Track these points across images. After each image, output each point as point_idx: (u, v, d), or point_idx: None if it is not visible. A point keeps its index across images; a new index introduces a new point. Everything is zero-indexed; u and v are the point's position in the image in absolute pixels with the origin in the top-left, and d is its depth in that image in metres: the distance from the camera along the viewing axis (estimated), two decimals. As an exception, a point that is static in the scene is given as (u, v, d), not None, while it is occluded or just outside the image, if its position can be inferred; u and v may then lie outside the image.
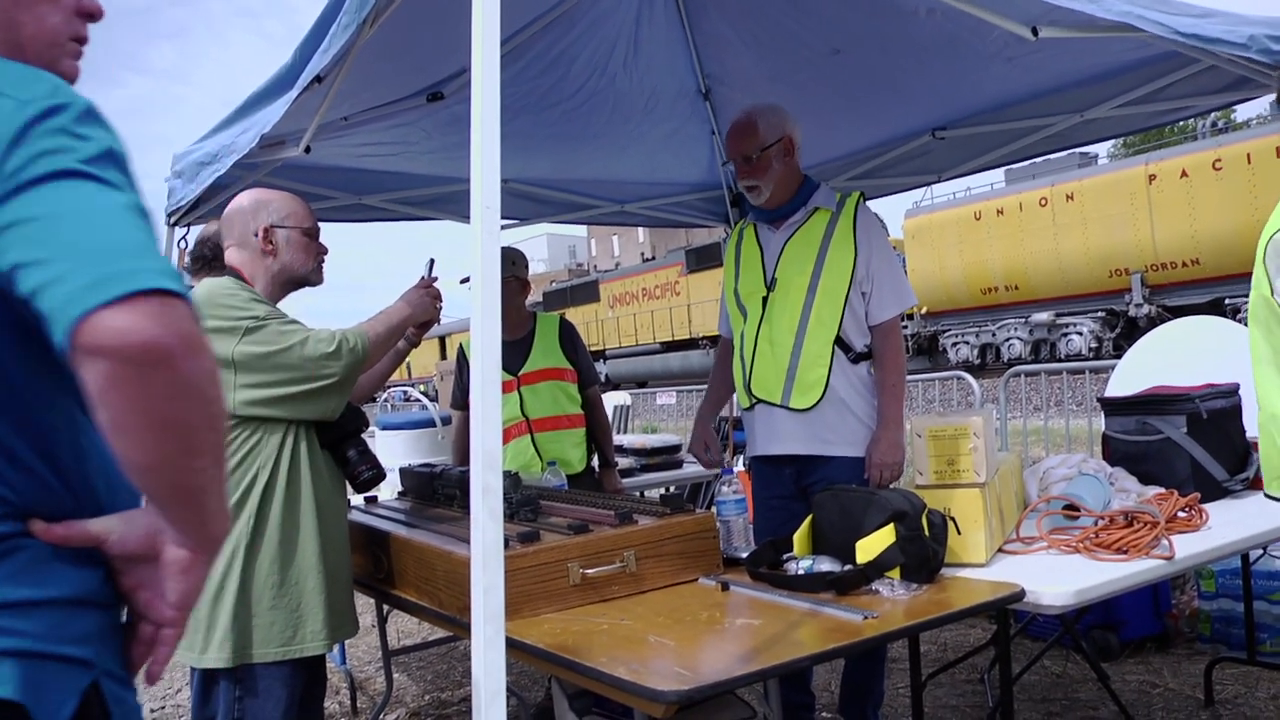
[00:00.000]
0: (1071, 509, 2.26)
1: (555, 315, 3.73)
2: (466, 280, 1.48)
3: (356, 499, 2.73)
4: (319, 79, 2.34)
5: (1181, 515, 2.30)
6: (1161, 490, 2.46)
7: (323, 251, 2.34)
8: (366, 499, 2.94)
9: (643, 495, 3.94)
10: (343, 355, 2.11)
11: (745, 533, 2.35)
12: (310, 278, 2.32)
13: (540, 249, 54.88)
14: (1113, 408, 2.94)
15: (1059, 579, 1.89)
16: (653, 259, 29.01)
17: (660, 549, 2.06)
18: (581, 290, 27.44)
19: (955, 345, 18.02)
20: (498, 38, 1.47)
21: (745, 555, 2.19)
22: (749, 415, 2.88)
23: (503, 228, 1.88)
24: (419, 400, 6.12)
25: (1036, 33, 2.22)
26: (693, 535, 2.11)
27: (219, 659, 2.02)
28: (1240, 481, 2.63)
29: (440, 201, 4.23)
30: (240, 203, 2.27)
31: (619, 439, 4.65)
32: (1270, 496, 2.07)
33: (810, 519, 2.17)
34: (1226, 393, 2.76)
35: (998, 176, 17.53)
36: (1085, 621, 3.64)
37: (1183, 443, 2.63)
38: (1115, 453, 2.79)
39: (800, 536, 2.15)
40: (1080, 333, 15.90)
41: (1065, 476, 2.49)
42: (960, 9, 2.31)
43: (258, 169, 3.11)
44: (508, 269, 3.37)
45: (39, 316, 0.81)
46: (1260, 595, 3.44)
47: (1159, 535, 2.05)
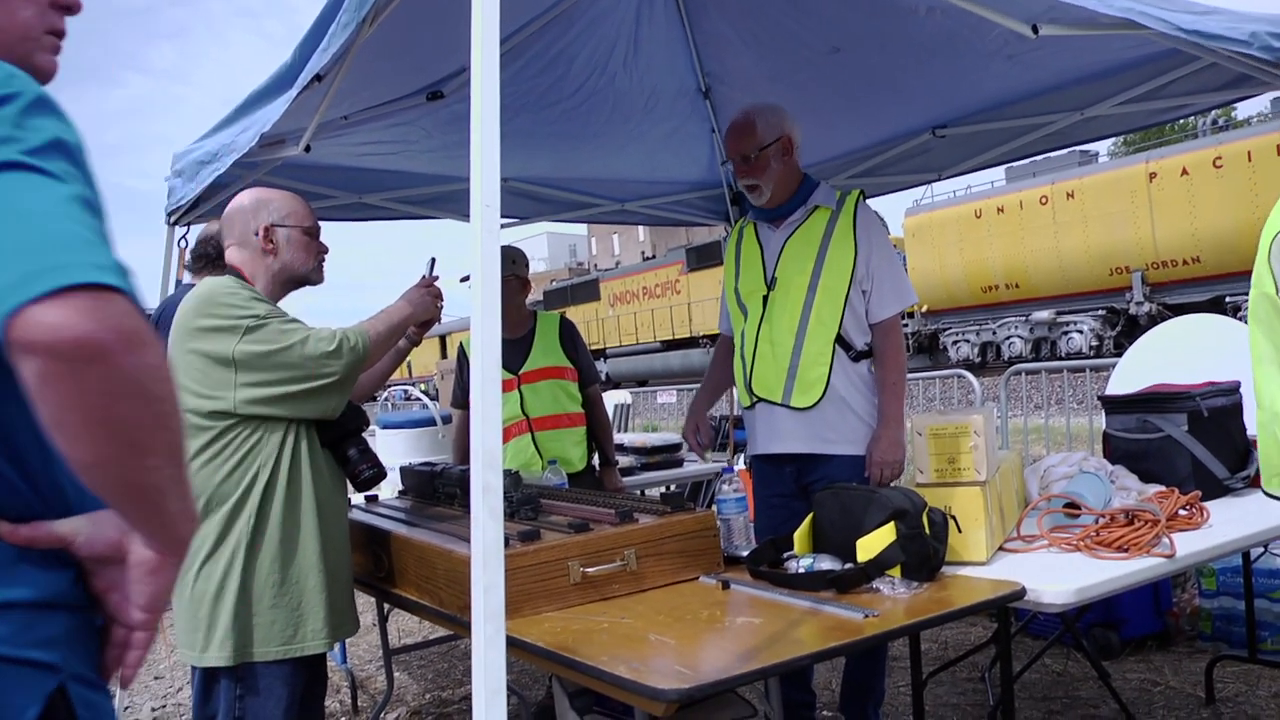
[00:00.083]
0: (1072, 507, 2.26)
1: (556, 314, 3.74)
2: (467, 279, 1.48)
3: (357, 498, 2.73)
4: (319, 78, 2.34)
5: (1182, 513, 2.29)
6: (1162, 488, 2.46)
7: (323, 250, 2.34)
8: (367, 498, 2.94)
9: (643, 494, 3.95)
10: (343, 354, 2.11)
11: (746, 531, 2.35)
12: (311, 277, 2.32)
13: (540, 247, 54.90)
14: (1113, 406, 2.93)
15: (1060, 577, 1.89)
16: (653, 257, 28.99)
17: (661, 547, 2.06)
18: (582, 289, 27.44)
19: (956, 343, 18.02)
20: (497, 36, 1.47)
21: (746, 554, 2.19)
22: (750, 414, 2.88)
23: (503, 226, 1.88)
24: (419, 399, 6.12)
25: (1037, 30, 2.21)
26: (693, 534, 2.11)
27: (220, 657, 2.02)
28: (1241, 479, 2.63)
29: (440, 200, 4.23)
30: (241, 202, 2.27)
31: (619, 438, 4.65)
32: (1269, 494, 2.07)
33: (811, 517, 2.17)
34: (1227, 391, 2.76)
35: (998, 174, 17.58)
36: (1086, 620, 3.64)
37: (1184, 441, 2.63)
38: (1116, 451, 2.79)
39: (801, 535, 2.15)
40: (1081, 331, 15.90)
41: (1066, 475, 2.48)
42: (960, 7, 2.31)
43: (257, 168, 3.11)
44: (508, 267, 3.37)
45: None
46: (1261, 593, 3.44)
47: (1160, 533, 2.05)
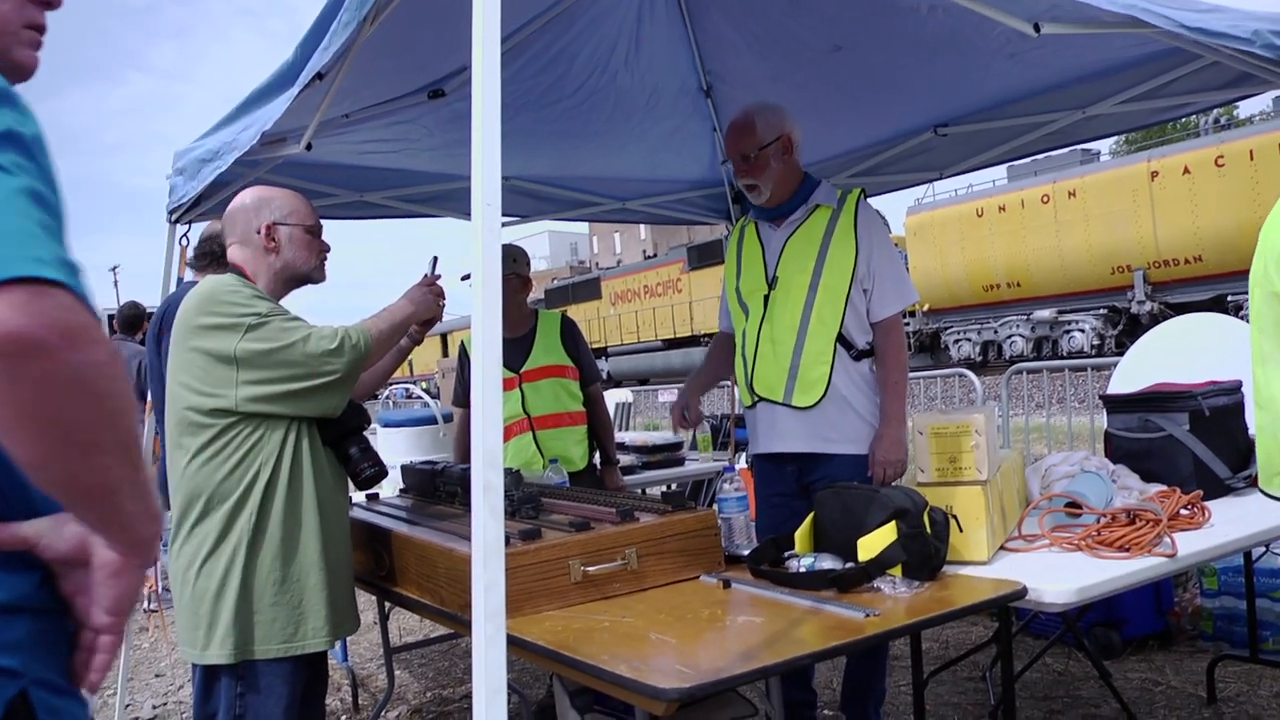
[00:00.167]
0: (1073, 506, 2.25)
1: (557, 312, 3.74)
2: (468, 277, 1.48)
3: (358, 496, 2.73)
4: (320, 76, 2.33)
5: (1184, 513, 2.29)
6: (1164, 488, 2.45)
7: (325, 249, 2.34)
8: (368, 496, 2.94)
9: (644, 493, 3.94)
10: (345, 352, 2.11)
11: (747, 530, 2.35)
12: (313, 275, 2.32)
13: (542, 246, 54.87)
14: (1115, 405, 2.93)
15: (1061, 577, 1.88)
16: (654, 256, 29.00)
17: (662, 546, 2.06)
18: (583, 287, 27.44)
19: (957, 342, 18.01)
20: (498, 35, 1.46)
21: (747, 553, 2.19)
22: (751, 413, 2.88)
23: (504, 225, 1.88)
24: (421, 397, 6.12)
25: (1039, 29, 2.21)
26: (694, 533, 2.11)
27: (221, 655, 2.02)
28: (1243, 479, 2.63)
29: (441, 199, 4.23)
30: (243, 200, 2.27)
31: (620, 436, 4.65)
32: (1267, 494, 2.07)
33: (812, 516, 2.17)
34: (1229, 390, 2.76)
35: (1000, 173, 17.59)
36: (1087, 619, 3.64)
37: (1185, 440, 2.62)
38: (1117, 450, 2.79)
39: (802, 534, 2.14)
40: (1082, 330, 15.89)
41: (1067, 474, 2.48)
42: (962, 5, 2.30)
43: (259, 166, 3.11)
44: (509, 266, 3.37)
45: None
46: (1263, 593, 3.43)
47: (1161, 533, 2.05)
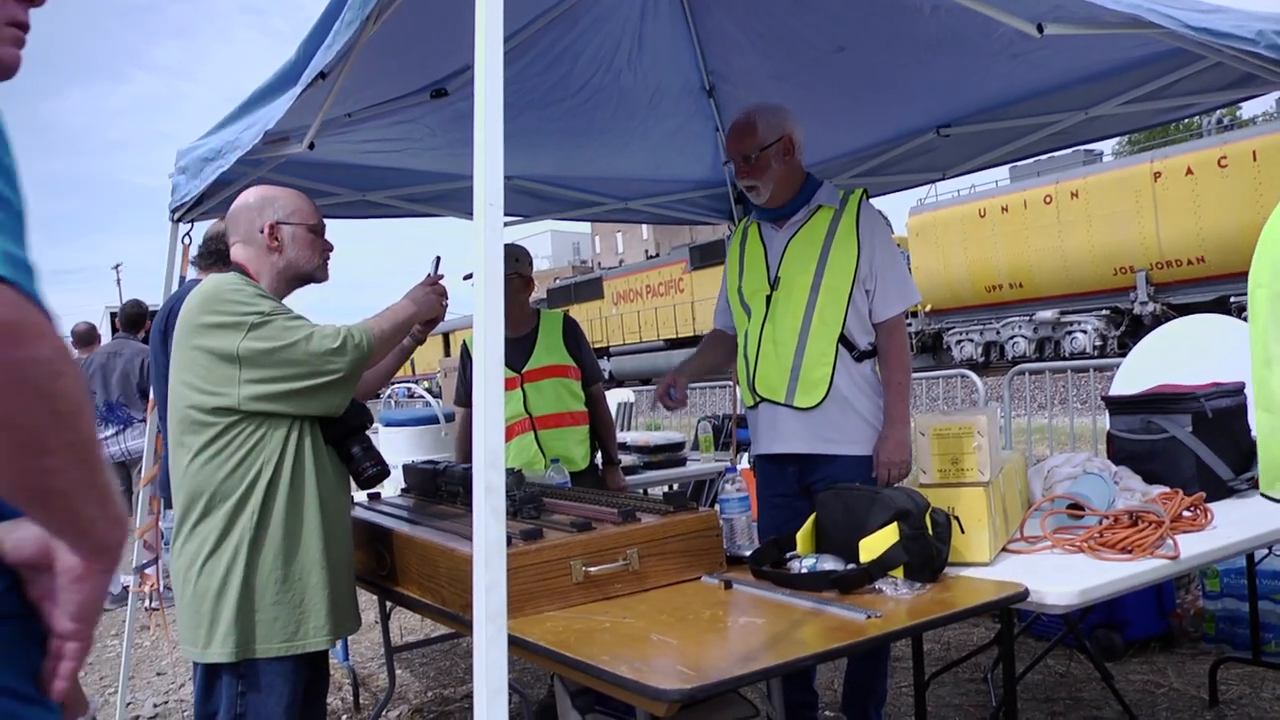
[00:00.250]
0: (1076, 508, 2.25)
1: (559, 312, 3.73)
2: (470, 277, 1.48)
3: (359, 495, 2.73)
4: (323, 75, 2.33)
5: (1186, 515, 2.29)
6: (1166, 489, 2.45)
7: (328, 248, 2.34)
8: (369, 495, 2.94)
9: (646, 493, 3.94)
10: (347, 351, 2.10)
11: (749, 531, 2.34)
12: (316, 274, 2.32)
13: (544, 246, 54.92)
14: (1117, 406, 2.93)
15: (1063, 578, 1.88)
16: (657, 256, 29.01)
17: (663, 547, 2.06)
18: (585, 287, 27.44)
19: (959, 343, 18.00)
20: (501, 34, 1.46)
21: (748, 554, 2.19)
22: (753, 414, 2.87)
23: (506, 224, 1.87)
24: (423, 397, 6.13)
25: (1042, 29, 2.20)
26: (696, 533, 2.11)
27: (222, 654, 2.02)
28: (1245, 481, 2.62)
29: (444, 198, 4.23)
30: (246, 199, 2.27)
31: (622, 436, 4.65)
32: (1268, 497, 2.06)
33: (813, 517, 2.16)
34: (1232, 392, 2.75)
35: (1002, 174, 17.53)
36: (1089, 621, 3.64)
37: (1188, 442, 2.62)
38: (1120, 452, 2.78)
39: (803, 535, 2.14)
40: (1085, 331, 15.87)
41: (1069, 475, 2.48)
42: (965, 6, 2.30)
43: (262, 165, 3.11)
44: (511, 266, 3.36)
45: None
46: (1265, 595, 3.43)
47: (1164, 535, 2.04)
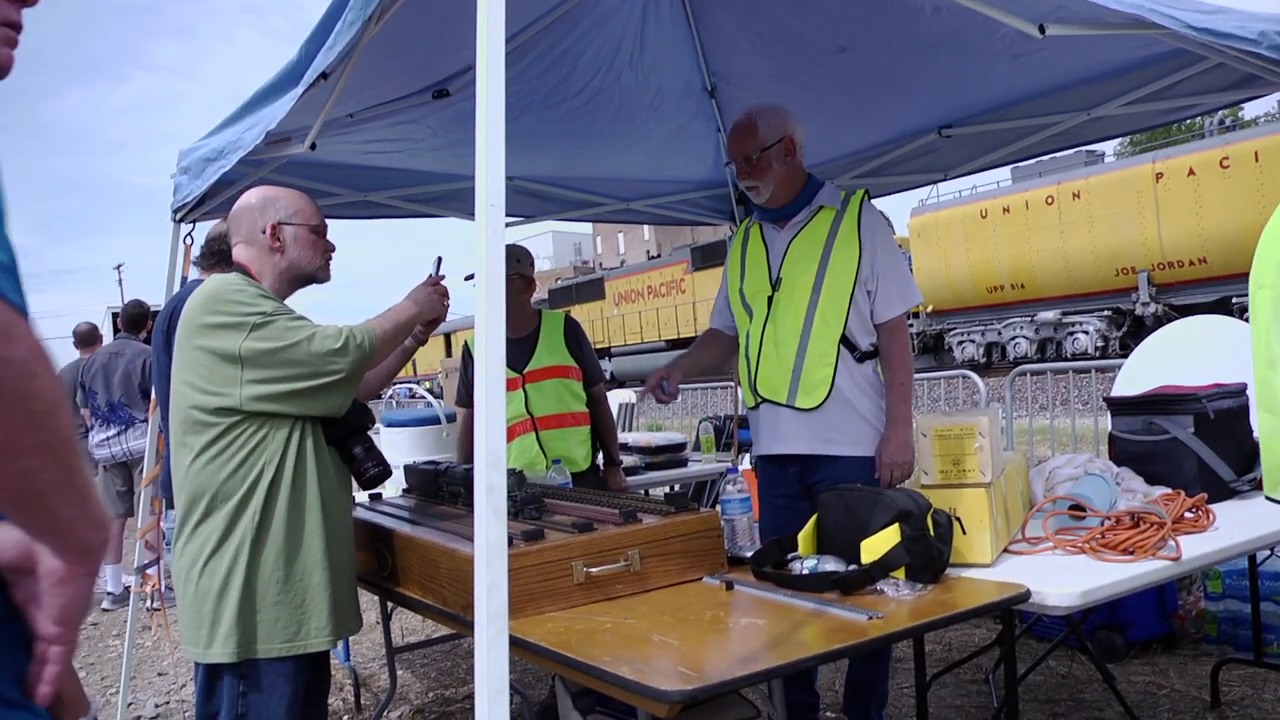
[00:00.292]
0: (1077, 509, 2.25)
1: (560, 313, 3.73)
2: (471, 277, 1.48)
3: (360, 496, 2.73)
4: (324, 76, 2.33)
5: (1188, 516, 2.28)
6: (1168, 491, 2.45)
7: (330, 249, 2.34)
8: (371, 496, 2.94)
9: (647, 494, 3.94)
10: (349, 351, 2.10)
11: (750, 532, 2.34)
12: (318, 275, 2.32)
13: (545, 246, 54.92)
14: (1119, 407, 2.92)
15: (1065, 579, 1.88)
16: (658, 256, 29.03)
17: (665, 548, 2.06)
18: (587, 288, 27.45)
19: (961, 344, 17.99)
20: (503, 35, 1.46)
21: (750, 554, 2.19)
22: (754, 414, 2.87)
23: (508, 225, 1.87)
24: (424, 397, 6.13)
25: (1044, 30, 2.20)
26: (697, 534, 2.11)
27: (223, 654, 2.02)
28: (1248, 482, 2.62)
29: (445, 199, 4.23)
30: (248, 200, 2.27)
31: (624, 437, 4.64)
32: (1273, 500, 2.06)
33: (815, 518, 2.16)
34: (1234, 393, 2.75)
35: (1004, 174, 17.55)
36: (1091, 622, 3.63)
37: (1190, 443, 2.62)
38: (1121, 453, 2.78)
39: (805, 536, 2.14)
40: (1086, 332, 15.86)
41: (1071, 476, 2.48)
42: (967, 6, 2.30)
43: (263, 165, 3.11)
44: (512, 266, 3.37)
45: None
46: (1267, 596, 3.42)
47: (1165, 536, 2.04)
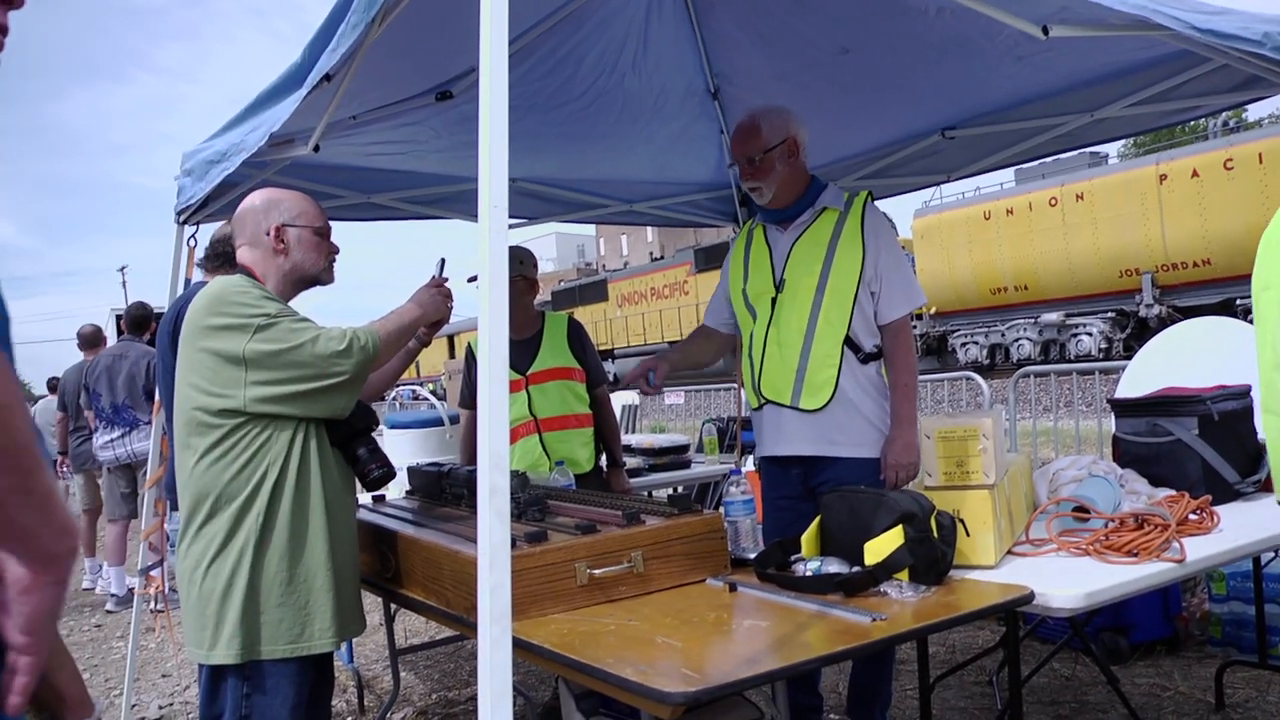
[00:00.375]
0: (1081, 511, 2.24)
1: (563, 315, 3.73)
2: (474, 279, 1.48)
3: (364, 498, 2.73)
4: (328, 78, 2.34)
5: (1192, 517, 2.28)
6: (1172, 492, 2.44)
7: (334, 251, 2.34)
8: (374, 498, 2.94)
9: (650, 495, 3.94)
10: (353, 353, 2.11)
11: (753, 533, 2.34)
12: (321, 277, 2.32)
13: (549, 248, 54.96)
14: (1123, 409, 2.92)
15: (1069, 581, 1.87)
16: (661, 258, 28.99)
17: (668, 549, 2.05)
18: (590, 289, 27.46)
19: (964, 345, 17.97)
20: (506, 37, 1.47)
21: (753, 556, 2.19)
22: (757, 415, 2.87)
23: (511, 227, 1.88)
24: (427, 399, 6.13)
25: (1047, 31, 2.20)
26: (700, 536, 2.11)
27: (227, 655, 2.03)
28: (1252, 484, 2.62)
29: (449, 200, 4.23)
30: (252, 202, 2.28)
31: (627, 439, 4.64)
32: None
33: (818, 520, 2.16)
34: (1238, 394, 2.74)
35: (1007, 176, 17.55)
36: (1095, 624, 3.63)
37: (1194, 444, 2.61)
38: (1125, 454, 2.78)
39: (808, 538, 2.14)
40: (1090, 333, 15.84)
41: (1075, 478, 2.47)
42: (970, 8, 2.30)
43: (267, 167, 3.12)
44: (515, 268, 3.37)
45: None
46: (1271, 598, 3.41)
47: (1170, 538, 2.04)
